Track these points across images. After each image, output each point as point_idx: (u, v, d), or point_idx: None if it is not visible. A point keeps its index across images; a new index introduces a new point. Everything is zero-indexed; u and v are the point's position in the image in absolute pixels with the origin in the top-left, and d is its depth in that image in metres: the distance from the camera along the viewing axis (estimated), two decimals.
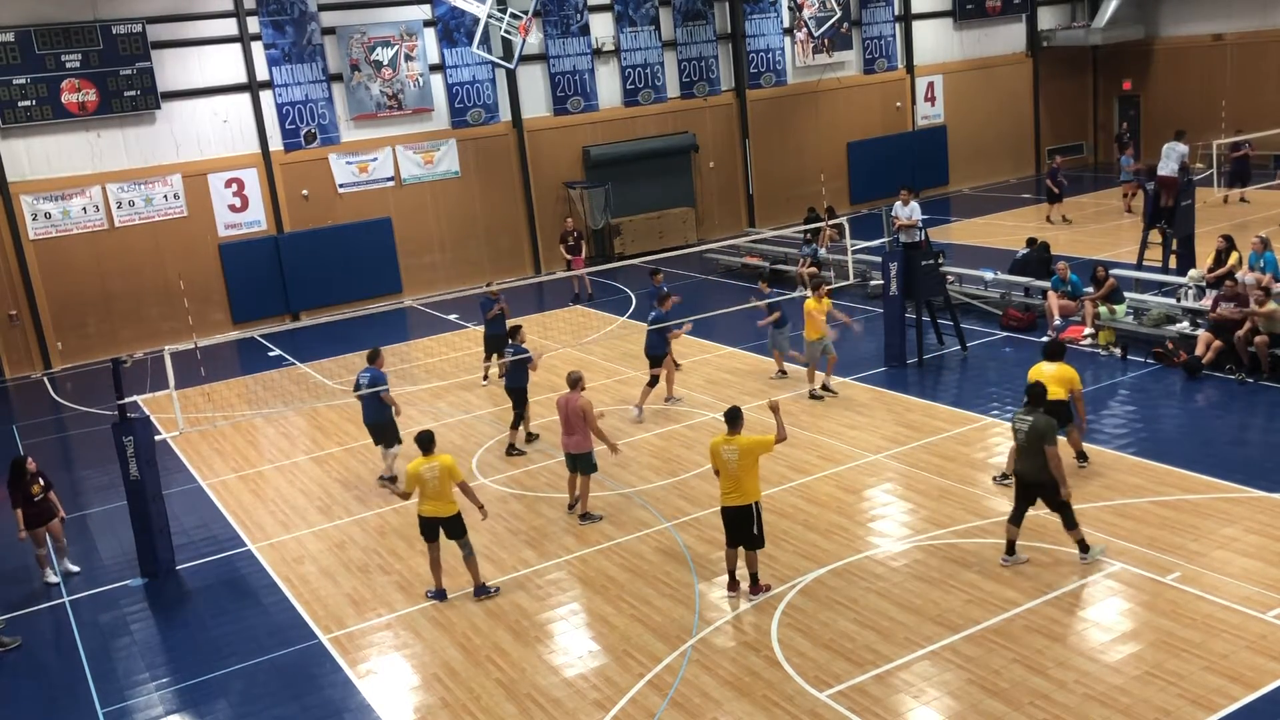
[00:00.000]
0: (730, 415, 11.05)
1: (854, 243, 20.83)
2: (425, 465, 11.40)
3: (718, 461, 10.91)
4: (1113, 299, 18.13)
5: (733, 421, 10.97)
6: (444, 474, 11.38)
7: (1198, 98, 33.23)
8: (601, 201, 28.84)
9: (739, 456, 10.71)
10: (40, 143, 23.58)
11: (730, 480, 10.84)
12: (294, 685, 10.42)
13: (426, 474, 11.38)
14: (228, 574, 12.99)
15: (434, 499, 11.43)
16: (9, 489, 12.98)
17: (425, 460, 11.43)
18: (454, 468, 11.46)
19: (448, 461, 11.45)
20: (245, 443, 17.69)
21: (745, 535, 10.91)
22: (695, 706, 9.33)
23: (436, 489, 11.39)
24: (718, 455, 10.90)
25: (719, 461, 10.89)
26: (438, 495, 11.41)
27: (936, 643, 9.89)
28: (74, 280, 24.12)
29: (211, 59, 25.09)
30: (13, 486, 12.93)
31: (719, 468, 10.93)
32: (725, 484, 10.91)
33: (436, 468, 11.37)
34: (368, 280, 26.14)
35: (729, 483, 10.86)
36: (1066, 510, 10.86)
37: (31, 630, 12.09)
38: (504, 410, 17.75)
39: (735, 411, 11.05)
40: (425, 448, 11.50)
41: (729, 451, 10.77)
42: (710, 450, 11.07)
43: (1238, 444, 13.84)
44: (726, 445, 10.81)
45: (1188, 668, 9.15)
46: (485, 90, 27.95)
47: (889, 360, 18.10)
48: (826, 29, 31.46)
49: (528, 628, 10.91)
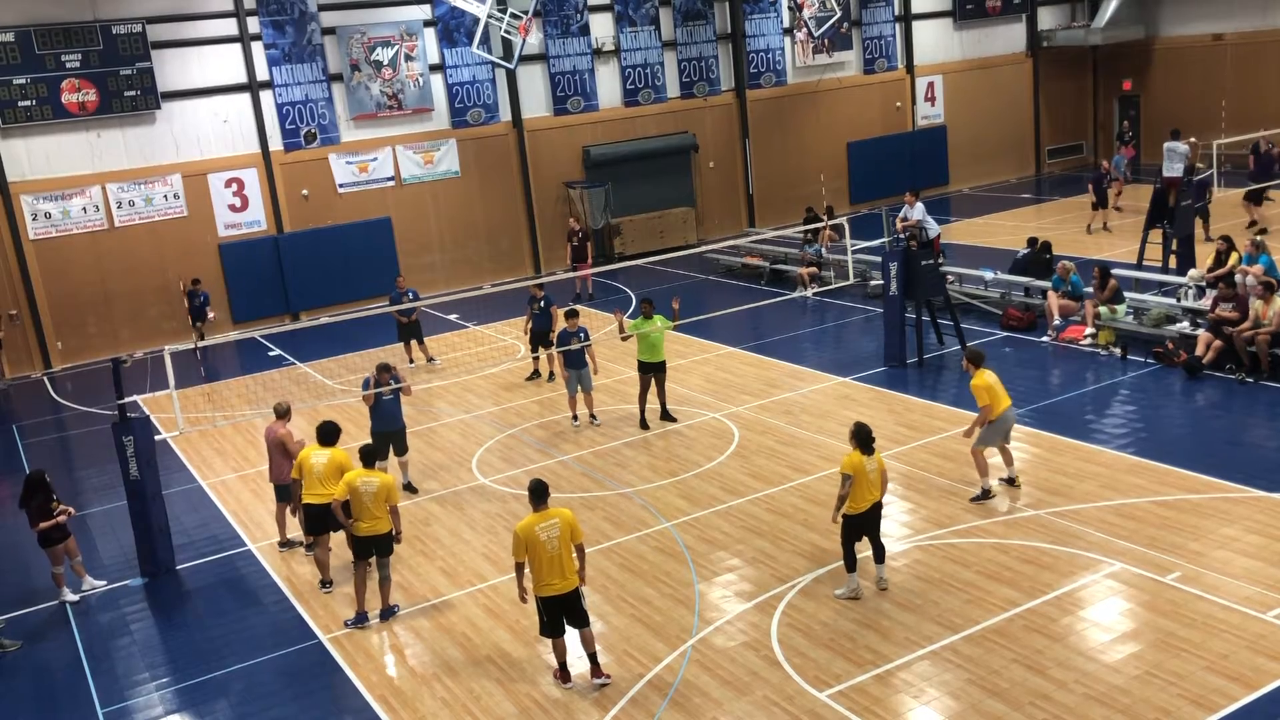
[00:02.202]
0: (536, 490, 9.59)
1: (854, 242, 20.84)
2: (363, 480, 11.04)
3: (534, 548, 9.37)
4: (1113, 299, 18.13)
5: (541, 497, 9.57)
6: (381, 492, 11.00)
7: (1198, 98, 33.21)
8: (601, 201, 28.83)
9: (560, 535, 9.42)
10: (40, 143, 23.58)
11: (552, 564, 9.39)
12: (294, 685, 10.42)
13: (363, 488, 11.00)
14: (228, 574, 12.98)
15: (366, 517, 11.07)
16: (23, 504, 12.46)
17: (364, 474, 11.08)
18: (393, 489, 11.15)
19: (389, 482, 11.14)
20: (245, 443, 17.69)
21: (576, 616, 9.65)
22: (695, 706, 9.33)
23: (370, 507, 11.04)
24: (534, 540, 9.35)
25: (535, 547, 9.36)
26: (369, 514, 11.05)
27: (936, 643, 9.88)
28: (74, 280, 24.12)
29: (211, 59, 25.09)
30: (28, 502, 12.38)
31: (534, 555, 9.39)
32: (547, 571, 9.39)
33: (375, 484, 11.02)
34: (368, 280, 26.13)
35: (552, 568, 9.39)
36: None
37: (31, 630, 12.09)
38: (504, 410, 17.77)
39: (541, 486, 9.65)
40: (367, 461, 11.23)
41: (547, 529, 9.39)
42: (519, 539, 9.44)
43: (1238, 444, 13.84)
44: (542, 524, 9.40)
45: (1188, 668, 9.14)
46: (485, 90, 27.95)
47: (889, 360, 18.10)
48: (826, 29, 31.46)
49: (528, 627, 10.89)
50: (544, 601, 9.54)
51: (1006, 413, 12.56)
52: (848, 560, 10.75)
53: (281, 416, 13.08)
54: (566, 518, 9.52)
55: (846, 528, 10.71)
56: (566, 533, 9.47)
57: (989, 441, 12.63)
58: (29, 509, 12.40)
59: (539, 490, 9.64)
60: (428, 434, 17.05)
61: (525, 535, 9.43)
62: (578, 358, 16.27)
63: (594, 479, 14.53)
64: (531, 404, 18.02)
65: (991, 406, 12.37)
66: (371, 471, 11.15)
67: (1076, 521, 11.89)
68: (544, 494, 9.64)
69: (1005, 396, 12.58)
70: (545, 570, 9.42)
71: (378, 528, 11.12)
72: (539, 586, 9.50)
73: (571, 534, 9.51)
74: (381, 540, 11.18)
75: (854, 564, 10.73)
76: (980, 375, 12.47)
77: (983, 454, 12.65)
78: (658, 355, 15.97)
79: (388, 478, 11.21)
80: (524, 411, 17.66)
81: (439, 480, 15.11)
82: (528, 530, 9.42)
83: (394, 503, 11.15)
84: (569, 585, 9.52)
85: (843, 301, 22.49)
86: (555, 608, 9.55)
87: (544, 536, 9.39)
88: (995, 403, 12.40)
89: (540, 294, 18.63)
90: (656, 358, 15.99)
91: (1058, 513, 12.14)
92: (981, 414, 12.45)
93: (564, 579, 9.48)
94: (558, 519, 9.47)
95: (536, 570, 9.45)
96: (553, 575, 9.43)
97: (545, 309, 18.58)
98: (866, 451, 10.55)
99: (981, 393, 12.37)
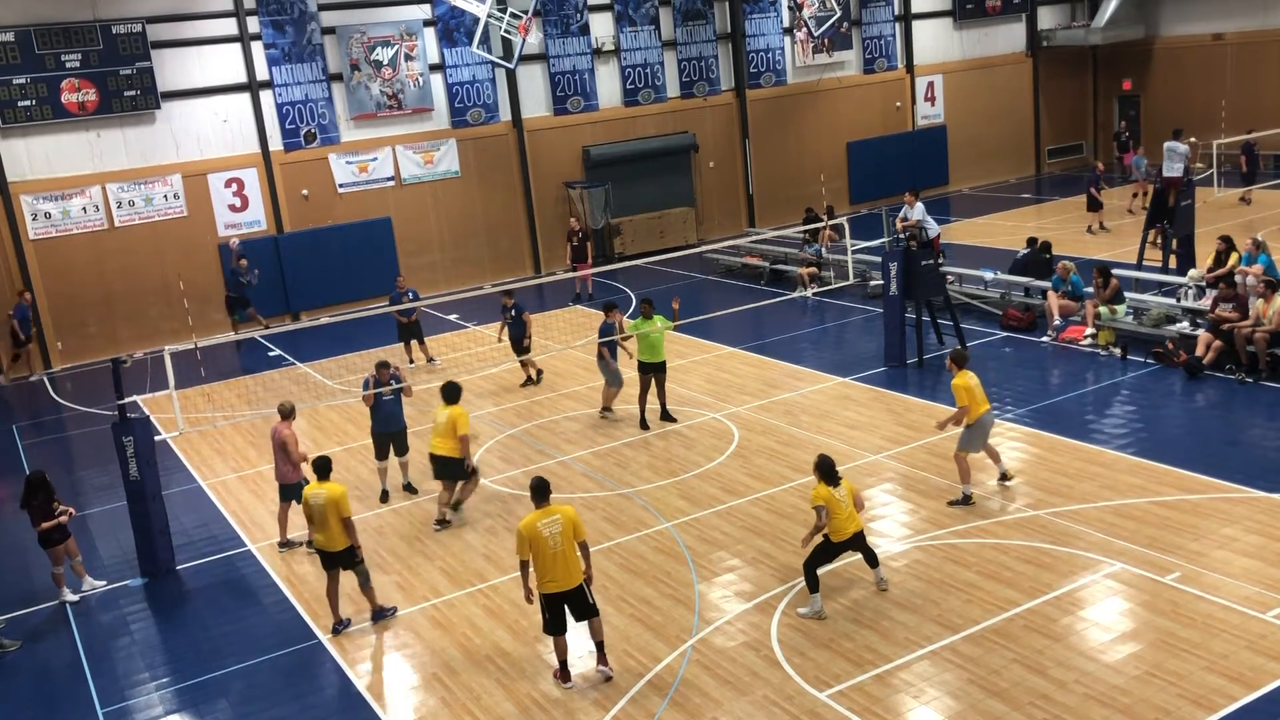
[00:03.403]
0: (538, 488, 9.65)
1: (853, 243, 20.84)
2: (313, 492, 10.87)
3: (537, 545, 9.38)
4: (1113, 299, 18.13)
5: (543, 494, 9.63)
6: (330, 505, 10.75)
7: (1198, 98, 33.23)
8: (601, 201, 28.84)
9: (563, 531, 9.41)
10: (40, 143, 23.58)
11: (555, 561, 9.39)
12: (294, 685, 10.42)
13: (313, 500, 10.84)
14: (228, 574, 12.98)
15: (321, 530, 10.90)
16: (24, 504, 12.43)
17: (314, 486, 10.91)
18: (342, 501, 10.77)
19: (336, 492, 10.76)
20: (245, 443, 17.69)
21: (584, 608, 9.67)
22: (695, 706, 9.33)
23: (322, 519, 10.83)
24: (536, 537, 9.37)
25: (539, 544, 9.37)
26: (323, 526, 10.86)
27: (936, 643, 9.89)
28: (74, 280, 24.12)
29: (211, 59, 25.10)
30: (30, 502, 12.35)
31: (537, 553, 9.40)
32: (549, 568, 9.40)
33: (323, 495, 10.77)
34: (368, 280, 26.13)
35: (554, 565, 9.39)
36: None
37: (31, 630, 12.10)
38: (504, 410, 17.77)
39: (543, 484, 9.70)
40: (320, 473, 10.99)
41: (549, 526, 9.39)
42: (522, 536, 9.47)
43: (1238, 444, 13.84)
44: (544, 520, 9.42)
45: (1188, 668, 9.15)
46: (485, 90, 27.95)
47: (889, 360, 18.10)
48: (826, 29, 31.47)
49: (527, 628, 10.90)
50: (546, 598, 9.56)
51: (984, 417, 12.60)
52: (811, 581, 10.58)
53: (286, 417, 13.07)
54: (569, 515, 9.52)
55: (820, 551, 10.56)
56: (569, 530, 9.46)
57: (971, 447, 12.68)
58: (30, 508, 12.40)
59: (540, 487, 9.67)
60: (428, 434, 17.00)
61: (528, 532, 9.42)
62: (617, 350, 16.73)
63: (594, 479, 14.53)
64: (531, 404, 18.02)
65: (970, 408, 12.41)
66: (322, 483, 10.91)
67: (1076, 521, 11.90)
68: (545, 491, 9.67)
69: (984, 401, 12.64)
70: (548, 567, 9.42)
71: (333, 542, 10.90)
72: (542, 583, 9.51)
73: (574, 531, 9.52)
74: (342, 555, 10.98)
75: (817, 584, 10.58)
76: (963, 376, 12.53)
77: (965, 459, 12.68)
78: (658, 355, 15.99)
79: (337, 489, 10.82)
80: (524, 411, 17.66)
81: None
82: (530, 527, 9.41)
83: (344, 514, 10.81)
84: (572, 582, 9.51)
85: (843, 302, 22.50)
86: (557, 604, 9.56)
87: (546, 533, 9.39)
88: (974, 405, 12.44)
89: (511, 302, 18.54)
90: (657, 358, 16.00)
91: (1057, 513, 12.14)
92: (958, 413, 12.47)
93: (567, 576, 9.47)
94: (560, 516, 9.47)
95: (539, 567, 9.47)
96: (555, 572, 9.42)
97: (518, 317, 18.58)
98: (832, 483, 10.43)
99: (961, 393, 12.43)
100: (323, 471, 11.00)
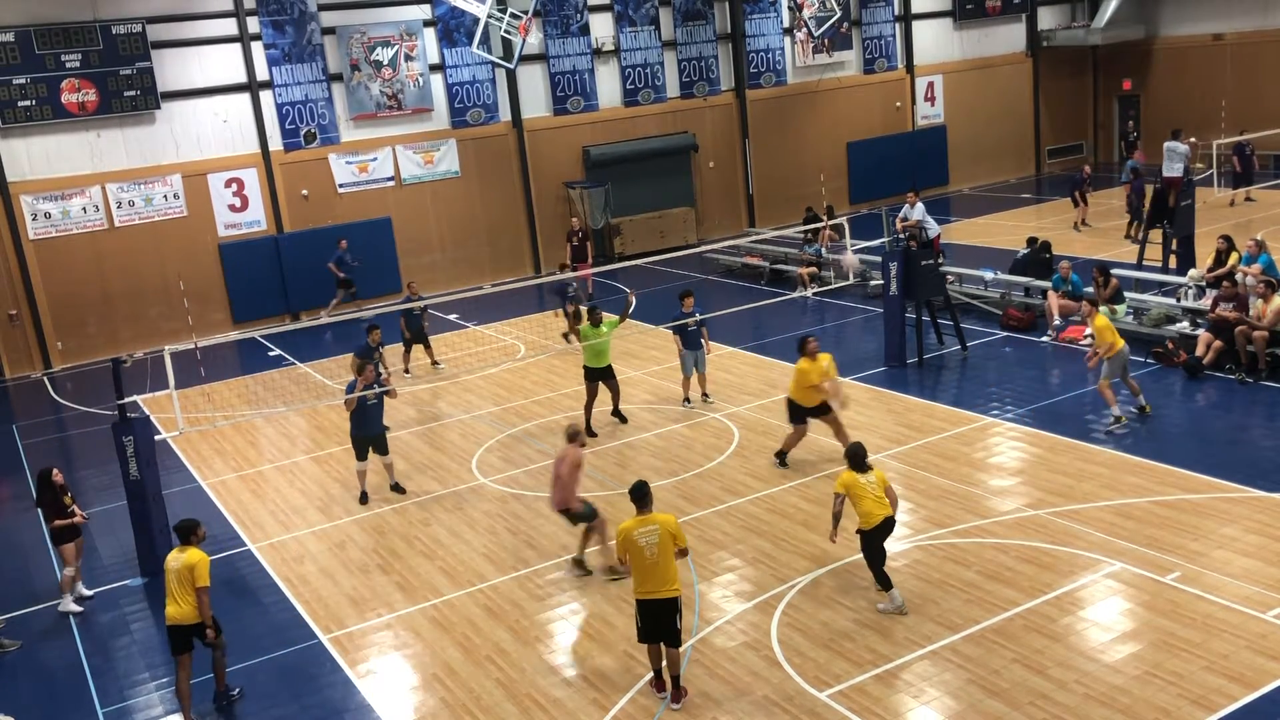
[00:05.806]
0: (637, 492, 9.39)
1: (853, 243, 20.83)
2: (173, 556, 9.72)
3: (633, 552, 9.14)
4: (1113, 299, 18.13)
5: (643, 500, 9.37)
6: (184, 571, 9.54)
7: (1198, 98, 33.23)
8: (601, 201, 28.84)
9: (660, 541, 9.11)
10: (40, 143, 23.59)
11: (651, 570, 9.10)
12: (294, 685, 10.42)
13: (170, 564, 9.66)
14: (228, 574, 12.97)
15: (175, 600, 9.58)
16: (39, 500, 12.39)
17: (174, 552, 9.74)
18: (199, 568, 9.54)
19: (193, 561, 9.56)
20: (245, 443, 17.69)
21: (669, 632, 9.27)
22: (695, 706, 9.33)
23: (176, 590, 9.57)
24: (633, 546, 9.12)
25: (635, 552, 9.12)
26: (179, 596, 9.56)
27: (936, 643, 9.88)
28: (74, 280, 24.12)
29: (211, 59, 25.09)
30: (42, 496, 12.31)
31: (633, 560, 9.16)
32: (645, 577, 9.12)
33: (179, 561, 9.60)
34: (368, 280, 26.11)
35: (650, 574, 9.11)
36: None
37: (31, 630, 12.10)
38: (504, 410, 17.77)
39: (642, 488, 9.41)
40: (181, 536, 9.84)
41: (646, 535, 9.12)
42: (620, 539, 9.28)
43: (1238, 444, 13.84)
44: (641, 530, 9.14)
45: (1188, 668, 9.14)
46: (485, 90, 27.95)
47: (889, 360, 18.10)
48: (826, 29, 31.46)
49: (528, 628, 10.91)
50: (641, 604, 9.24)
51: (1123, 350, 14.48)
52: (882, 580, 10.47)
53: (573, 439, 11.72)
54: (668, 524, 9.19)
55: (865, 546, 10.48)
56: (667, 539, 9.12)
57: (1112, 375, 14.52)
58: (42, 505, 12.43)
59: (640, 493, 9.37)
60: (428, 434, 17.06)
61: (624, 538, 9.18)
62: (694, 338, 16.61)
63: (594, 479, 14.51)
64: (531, 404, 18.02)
65: (1112, 344, 14.33)
66: (181, 548, 9.75)
67: (1076, 521, 11.90)
68: (645, 497, 9.35)
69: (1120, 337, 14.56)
70: (644, 576, 9.15)
71: (185, 615, 9.63)
72: (638, 589, 9.23)
73: (674, 540, 9.19)
74: (197, 628, 9.72)
75: (889, 581, 10.46)
76: (1101, 317, 14.57)
77: (1108, 386, 14.52)
78: (603, 360, 15.98)
79: (195, 555, 9.64)
80: (524, 411, 17.66)
81: (439, 480, 15.11)
82: (627, 535, 9.16)
83: (200, 584, 9.55)
84: (670, 592, 9.14)
85: (843, 301, 22.50)
86: (650, 613, 9.21)
87: (643, 542, 9.09)
88: (1116, 340, 14.40)
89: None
90: (602, 363, 15.99)
91: (1058, 513, 12.14)
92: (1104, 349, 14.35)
93: (666, 585, 9.13)
94: (658, 525, 9.15)
95: (636, 574, 9.21)
96: (651, 581, 9.12)
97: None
98: (860, 470, 10.41)
99: (1105, 333, 14.36)
100: (184, 534, 9.84)
